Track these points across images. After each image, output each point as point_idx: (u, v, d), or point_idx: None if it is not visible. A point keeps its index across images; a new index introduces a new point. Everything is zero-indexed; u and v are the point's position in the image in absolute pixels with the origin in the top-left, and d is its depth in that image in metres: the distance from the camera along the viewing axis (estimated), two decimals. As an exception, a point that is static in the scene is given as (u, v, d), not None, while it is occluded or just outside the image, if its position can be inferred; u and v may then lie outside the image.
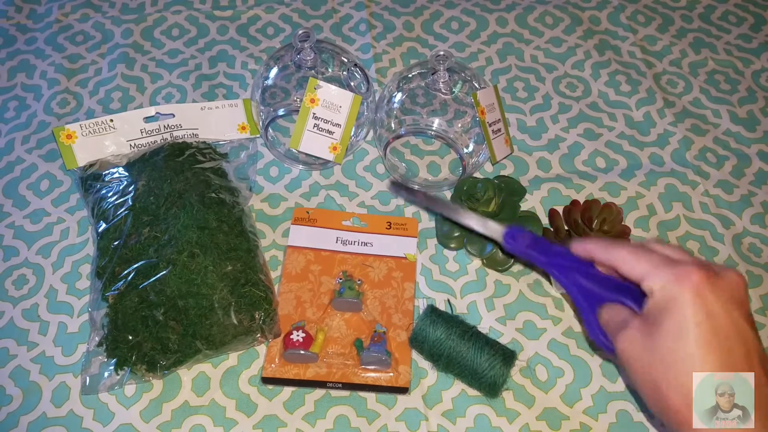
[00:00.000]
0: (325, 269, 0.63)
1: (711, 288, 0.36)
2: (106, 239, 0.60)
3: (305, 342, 0.57)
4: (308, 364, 0.57)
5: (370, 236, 0.65)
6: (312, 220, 0.66)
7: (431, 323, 0.56)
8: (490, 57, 0.84)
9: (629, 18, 0.88)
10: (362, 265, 0.63)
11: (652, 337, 0.38)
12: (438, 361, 0.56)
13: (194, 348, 0.55)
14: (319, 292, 0.62)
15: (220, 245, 0.58)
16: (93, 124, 0.67)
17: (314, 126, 0.65)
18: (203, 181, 0.63)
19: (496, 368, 0.54)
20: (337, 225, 0.66)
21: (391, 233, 0.66)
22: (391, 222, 0.66)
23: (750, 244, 0.67)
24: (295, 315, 0.60)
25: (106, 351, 0.55)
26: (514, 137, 0.75)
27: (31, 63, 0.82)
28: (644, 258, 0.40)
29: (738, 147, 0.75)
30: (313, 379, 0.57)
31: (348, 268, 0.63)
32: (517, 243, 0.50)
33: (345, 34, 0.86)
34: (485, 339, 0.56)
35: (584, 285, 0.45)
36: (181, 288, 0.55)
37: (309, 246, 0.64)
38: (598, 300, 0.44)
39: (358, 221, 0.67)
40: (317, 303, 0.61)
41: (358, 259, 0.64)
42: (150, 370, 0.54)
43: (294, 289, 0.62)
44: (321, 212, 0.67)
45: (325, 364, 0.57)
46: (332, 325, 0.60)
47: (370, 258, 0.64)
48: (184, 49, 0.84)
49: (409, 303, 0.61)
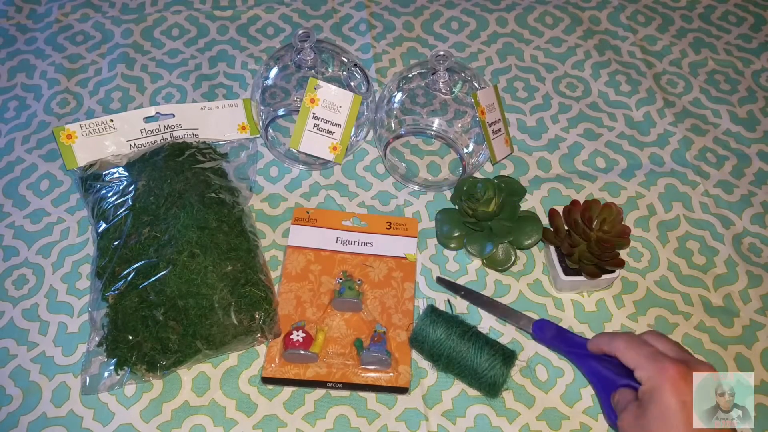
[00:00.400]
0: (325, 269, 0.63)
1: (685, 381, 0.45)
2: (106, 239, 0.60)
3: (305, 342, 0.57)
4: (308, 364, 0.57)
5: (371, 236, 0.65)
6: (312, 220, 0.66)
7: (431, 323, 0.56)
8: (490, 57, 0.84)
9: (629, 18, 0.88)
10: (362, 265, 0.63)
11: (643, 418, 0.46)
12: (438, 361, 0.56)
13: (194, 348, 0.55)
14: (319, 292, 0.62)
15: (220, 245, 0.58)
16: (93, 124, 0.67)
17: (314, 126, 0.65)
18: (203, 181, 0.63)
19: (496, 368, 0.54)
20: (337, 225, 0.66)
21: (391, 233, 0.66)
22: (391, 222, 0.66)
23: (750, 244, 0.67)
24: (295, 315, 0.60)
25: (106, 351, 0.55)
26: (514, 137, 0.75)
27: (31, 63, 0.82)
28: (636, 350, 0.48)
29: (738, 147, 0.75)
30: (313, 379, 0.57)
31: (348, 268, 0.63)
32: (543, 334, 0.58)
33: (345, 34, 0.86)
34: (485, 339, 0.56)
35: (599, 370, 0.53)
36: (181, 288, 0.55)
37: (309, 246, 0.64)
38: (609, 382, 0.52)
39: (358, 221, 0.67)
40: (317, 303, 0.61)
41: (358, 259, 0.64)
42: (150, 370, 0.54)
43: (294, 289, 0.62)
44: (321, 212, 0.67)
45: (325, 364, 0.57)
46: (332, 325, 0.60)
47: (370, 258, 0.64)
48: (184, 49, 0.84)
49: (409, 303, 0.61)
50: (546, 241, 0.62)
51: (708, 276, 0.65)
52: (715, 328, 0.61)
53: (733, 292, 0.64)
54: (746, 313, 0.62)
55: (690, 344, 0.60)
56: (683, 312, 0.62)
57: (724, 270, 0.65)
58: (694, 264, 0.66)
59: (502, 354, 0.55)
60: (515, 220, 0.62)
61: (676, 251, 0.66)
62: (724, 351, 0.60)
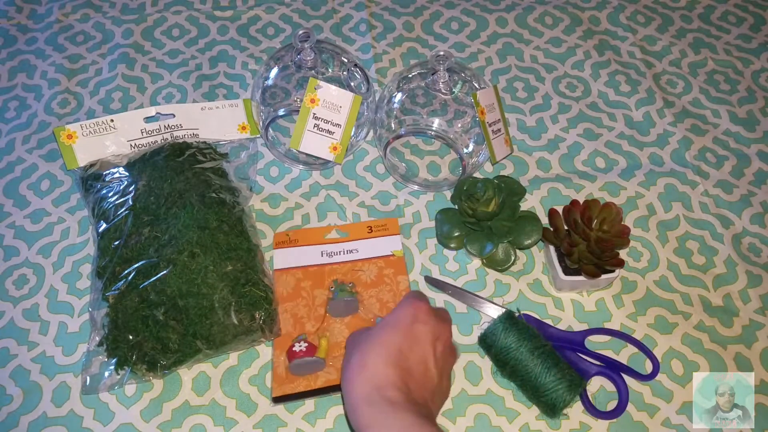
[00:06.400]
0: (316, 283, 0.62)
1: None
2: (106, 239, 0.60)
3: (309, 350, 0.57)
4: (317, 372, 0.57)
5: (354, 243, 0.65)
6: (293, 241, 0.65)
7: (504, 329, 0.56)
8: (490, 57, 0.84)
9: (629, 18, 0.88)
10: (352, 271, 0.63)
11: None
12: (503, 368, 0.56)
13: (194, 348, 0.55)
14: (314, 305, 0.61)
15: (221, 245, 0.58)
16: (93, 124, 0.67)
17: (314, 126, 0.65)
18: (204, 181, 0.63)
19: (558, 392, 0.53)
20: (319, 240, 0.66)
21: (373, 236, 0.66)
22: (372, 226, 0.66)
23: (749, 244, 0.67)
24: (294, 332, 0.59)
25: (106, 351, 0.55)
26: (514, 137, 0.75)
27: (32, 63, 0.82)
28: None
29: (738, 147, 0.75)
30: (325, 386, 0.56)
31: (339, 276, 0.63)
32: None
33: (345, 35, 0.86)
34: (555, 360, 0.55)
35: (575, 361, 0.57)
36: (182, 288, 0.55)
37: (296, 265, 0.64)
38: (583, 372, 0.57)
39: (339, 233, 0.66)
40: (314, 315, 0.60)
41: (346, 267, 0.63)
42: (150, 369, 0.55)
43: (289, 309, 0.61)
44: (300, 232, 0.66)
45: (334, 368, 0.57)
46: (334, 331, 0.59)
47: (358, 263, 0.64)
48: (185, 50, 0.84)
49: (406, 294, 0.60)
50: (546, 241, 0.62)
51: (707, 276, 0.65)
52: (715, 327, 0.61)
53: (732, 292, 0.64)
54: (746, 312, 0.62)
55: (690, 344, 0.60)
56: (683, 312, 0.62)
57: (723, 270, 0.65)
58: (694, 264, 0.66)
59: (569, 379, 0.54)
60: (515, 219, 0.63)
61: (676, 251, 0.67)
62: (723, 351, 0.60)
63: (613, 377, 0.56)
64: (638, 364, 0.59)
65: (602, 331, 0.60)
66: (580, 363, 0.57)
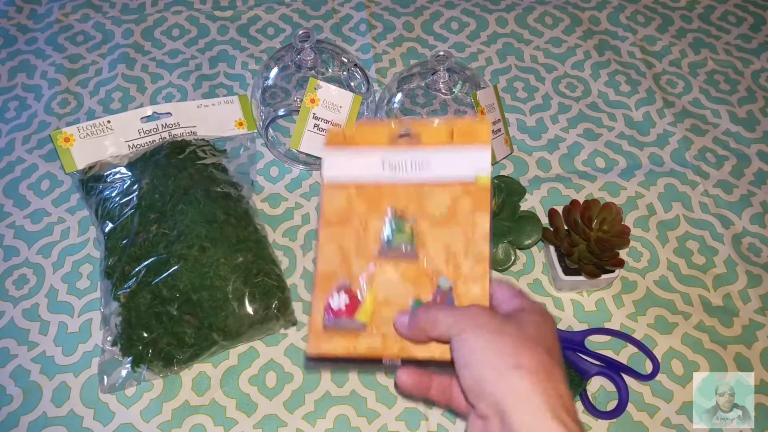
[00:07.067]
0: (372, 207, 0.46)
1: None
2: (113, 239, 0.60)
3: (349, 308, 0.44)
4: (358, 334, 0.43)
5: (426, 153, 0.46)
6: (349, 140, 0.48)
7: None
8: (490, 57, 0.84)
9: (629, 18, 0.88)
10: (417, 196, 0.46)
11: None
12: None
13: (211, 340, 0.55)
14: (366, 239, 0.45)
15: (230, 237, 0.59)
16: (90, 126, 0.66)
17: (314, 126, 0.65)
18: (207, 177, 0.63)
19: None
20: (380, 140, 0.47)
21: (454, 144, 0.46)
22: (454, 130, 0.46)
23: (749, 244, 0.67)
24: (340, 271, 0.45)
25: (121, 350, 0.56)
26: (514, 137, 0.75)
27: (32, 63, 0.82)
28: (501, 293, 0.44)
29: (738, 147, 0.75)
30: (367, 354, 0.43)
31: (400, 203, 0.46)
32: None
33: (345, 35, 0.86)
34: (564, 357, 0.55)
35: (575, 361, 0.57)
36: (194, 282, 0.56)
37: (349, 179, 0.47)
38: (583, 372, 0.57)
39: (406, 133, 0.47)
40: (364, 253, 0.45)
41: (410, 190, 0.46)
42: (167, 365, 0.55)
43: (336, 237, 0.46)
44: (360, 128, 0.48)
45: (379, 334, 0.43)
46: (383, 281, 0.44)
47: (425, 187, 0.45)
48: (185, 50, 0.84)
49: (483, 243, 0.44)
50: (546, 241, 0.62)
51: (707, 276, 0.65)
52: (715, 327, 0.61)
53: (732, 292, 0.64)
54: (746, 312, 0.62)
55: (690, 344, 0.60)
56: (683, 312, 0.62)
57: (723, 270, 0.65)
58: (694, 264, 0.66)
59: (569, 379, 0.54)
60: (515, 219, 0.63)
61: (676, 251, 0.67)
62: (723, 351, 0.60)
63: (613, 377, 0.56)
64: (638, 364, 0.59)
65: (602, 331, 0.60)
66: (580, 363, 0.57)
